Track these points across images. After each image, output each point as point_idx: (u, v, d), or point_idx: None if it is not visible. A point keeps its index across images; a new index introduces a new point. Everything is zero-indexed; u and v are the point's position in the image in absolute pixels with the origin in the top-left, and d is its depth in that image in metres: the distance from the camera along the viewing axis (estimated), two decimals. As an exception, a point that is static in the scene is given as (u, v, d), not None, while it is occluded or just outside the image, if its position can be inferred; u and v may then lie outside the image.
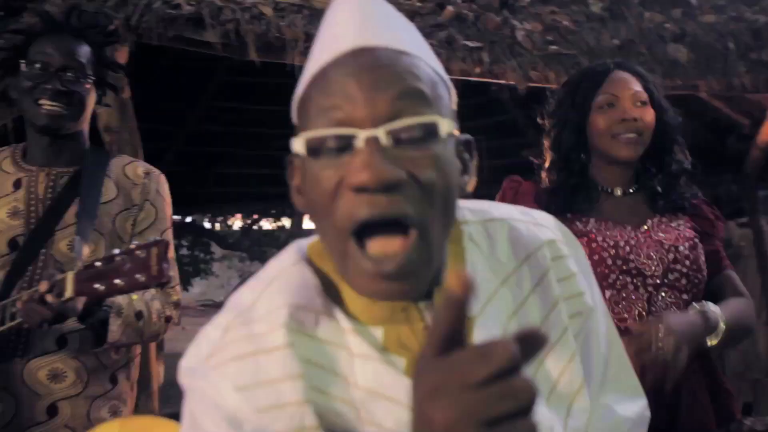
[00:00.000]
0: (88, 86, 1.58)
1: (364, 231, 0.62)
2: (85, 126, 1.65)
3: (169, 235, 1.65)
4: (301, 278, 0.73)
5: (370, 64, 0.65)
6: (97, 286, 1.30)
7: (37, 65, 1.53)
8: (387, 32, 0.69)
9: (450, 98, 0.71)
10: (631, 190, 1.59)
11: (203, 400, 0.69)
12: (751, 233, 4.98)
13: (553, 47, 2.71)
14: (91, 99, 1.62)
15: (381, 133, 0.62)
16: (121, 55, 2.38)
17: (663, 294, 1.51)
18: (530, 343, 0.46)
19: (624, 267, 1.49)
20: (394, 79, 0.64)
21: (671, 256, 1.52)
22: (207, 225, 10.27)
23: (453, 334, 0.47)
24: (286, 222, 10.79)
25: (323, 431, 0.68)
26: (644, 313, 1.49)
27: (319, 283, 0.73)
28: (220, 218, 10.47)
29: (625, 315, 1.50)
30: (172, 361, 1.53)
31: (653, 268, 1.51)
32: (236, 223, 11.06)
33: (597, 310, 0.83)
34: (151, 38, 2.36)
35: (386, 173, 0.61)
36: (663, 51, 2.87)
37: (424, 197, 0.63)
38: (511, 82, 2.71)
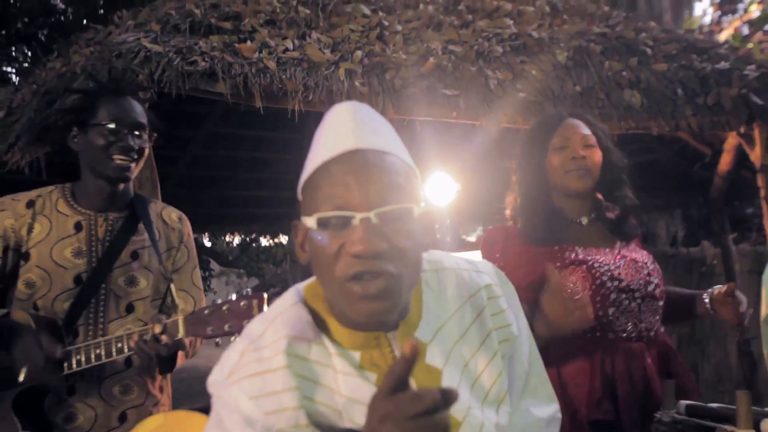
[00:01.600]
0: (145, 148, 1.76)
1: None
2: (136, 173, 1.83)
3: (197, 270, 1.90)
4: (297, 316, 0.94)
5: (363, 164, 0.85)
6: (208, 329, 1.50)
7: (111, 125, 1.69)
8: (375, 137, 0.89)
9: (418, 182, 0.93)
10: (592, 215, 1.79)
11: (226, 406, 0.89)
12: (722, 253, 5.23)
13: (522, 94, 3.03)
14: (147, 152, 1.79)
15: (372, 215, 0.83)
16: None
17: (647, 303, 1.70)
18: (448, 396, 0.70)
19: (619, 286, 1.67)
20: (381, 175, 0.85)
21: (646, 271, 1.72)
22: (207, 243, 10.52)
23: (401, 382, 0.72)
24: (283, 239, 11.03)
25: (313, 428, 0.88)
26: (637, 322, 1.68)
27: (311, 318, 0.94)
28: (220, 238, 10.68)
29: (628, 326, 1.67)
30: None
31: (637, 283, 1.70)
32: (235, 239, 11.33)
33: (521, 336, 1.04)
34: (170, 90, 2.63)
35: (375, 247, 0.82)
36: (620, 97, 3.17)
37: (400, 258, 0.85)
38: (483, 124, 3.05)
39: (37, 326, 1.61)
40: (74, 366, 1.60)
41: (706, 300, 1.77)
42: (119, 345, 1.59)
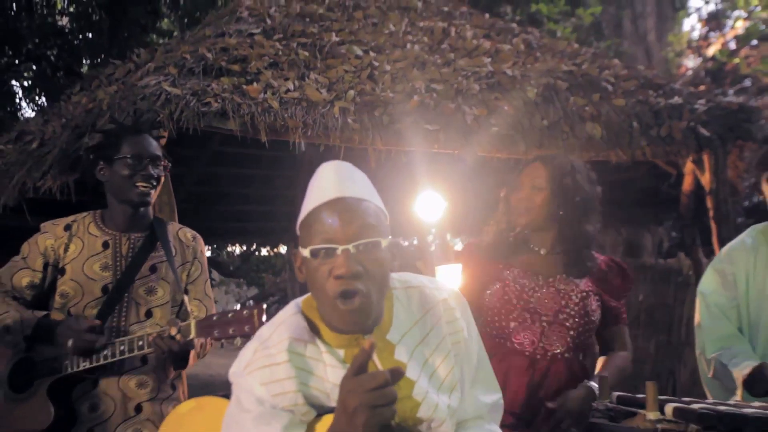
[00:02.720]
0: (161, 177, 2.04)
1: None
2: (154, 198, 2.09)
3: (209, 282, 2.17)
4: (296, 323, 1.19)
5: (344, 208, 1.12)
6: (215, 332, 1.71)
7: (133, 158, 1.97)
8: (353, 188, 1.16)
9: (386, 220, 1.19)
10: (557, 251, 1.98)
11: (243, 390, 1.13)
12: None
13: (495, 128, 3.43)
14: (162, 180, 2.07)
15: (351, 247, 1.09)
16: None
17: (553, 328, 1.91)
18: (396, 374, 0.95)
19: (525, 306, 1.92)
20: (357, 217, 1.12)
21: (563, 302, 1.92)
22: (209, 254, 10.84)
23: (361, 367, 0.96)
24: (282, 249, 11.36)
25: (308, 406, 1.13)
26: (535, 340, 1.90)
27: (307, 325, 1.19)
28: (224, 250, 10.94)
29: (524, 341, 1.92)
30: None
31: (546, 309, 1.92)
32: (236, 250, 11.64)
33: (471, 340, 1.30)
34: (188, 127, 3.01)
35: (353, 269, 1.08)
36: (582, 129, 3.56)
37: (370, 279, 1.11)
38: (461, 154, 3.45)
39: None
40: (101, 360, 1.84)
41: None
42: (140, 343, 1.82)
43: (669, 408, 1.50)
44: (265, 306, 1.79)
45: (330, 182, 1.15)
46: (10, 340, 1.88)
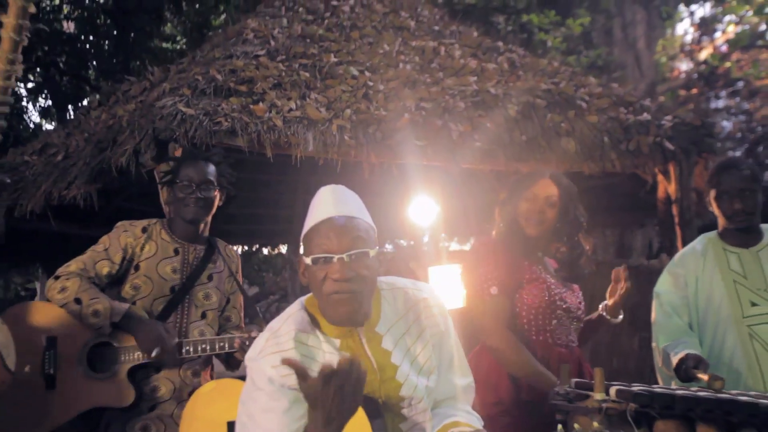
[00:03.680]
0: (216, 193, 2.30)
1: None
2: (210, 217, 2.35)
3: (239, 292, 2.42)
4: (301, 317, 1.39)
5: (338, 225, 1.34)
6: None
7: (185, 182, 2.24)
8: (346, 207, 1.38)
9: (374, 234, 1.40)
10: (550, 257, 2.21)
11: (257, 372, 1.32)
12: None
13: (478, 144, 3.79)
14: (217, 199, 2.31)
15: (344, 256, 1.31)
16: (177, 151, 3.44)
17: (574, 323, 2.17)
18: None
19: (561, 306, 2.12)
20: (350, 231, 1.34)
21: (578, 300, 2.18)
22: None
23: (304, 374, 1.16)
24: (283, 249, 11.66)
25: None
26: (567, 336, 2.13)
27: (309, 319, 1.39)
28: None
29: (561, 335, 2.13)
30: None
31: (574, 307, 2.14)
32: (238, 251, 11.87)
33: (447, 332, 1.50)
34: (201, 143, 3.31)
35: (346, 275, 1.30)
36: (558, 144, 3.90)
37: (362, 282, 1.33)
38: (447, 166, 3.80)
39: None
40: (184, 354, 2.12)
41: (601, 307, 2.29)
42: (221, 344, 2.14)
43: (613, 390, 1.68)
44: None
45: (327, 203, 1.39)
46: (96, 323, 2.09)
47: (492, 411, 2.06)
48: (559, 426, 1.66)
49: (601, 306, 2.28)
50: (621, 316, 2.27)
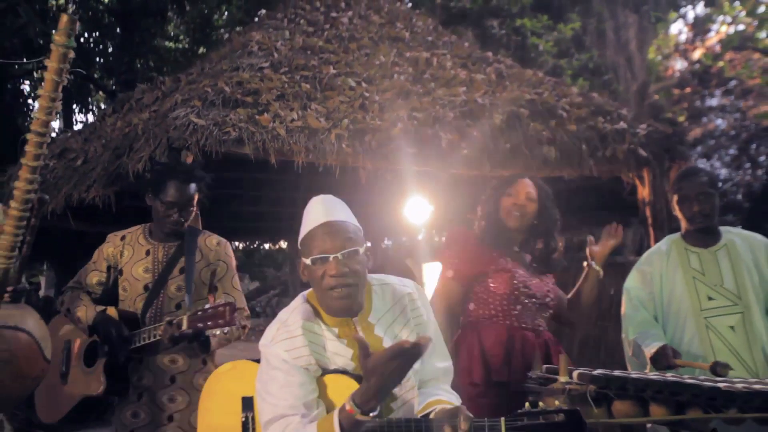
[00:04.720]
0: (193, 210, 2.44)
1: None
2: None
3: (236, 279, 2.55)
4: (305, 308, 1.59)
5: (331, 229, 1.53)
6: (200, 324, 2.14)
7: (167, 202, 2.36)
8: (336, 213, 1.56)
9: (361, 234, 1.58)
10: (525, 250, 2.45)
11: (271, 355, 1.52)
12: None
13: (465, 151, 4.11)
14: (195, 209, 2.46)
15: (339, 255, 1.50)
16: (189, 157, 3.74)
17: (544, 310, 2.39)
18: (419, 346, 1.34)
19: (528, 292, 2.37)
20: (342, 233, 1.52)
21: (546, 289, 2.42)
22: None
23: (365, 349, 1.39)
24: (283, 244, 11.96)
25: (317, 366, 1.53)
26: (533, 319, 2.36)
27: (312, 310, 1.58)
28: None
29: (527, 320, 2.36)
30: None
31: (541, 294, 2.38)
32: (240, 246, 12.27)
33: (429, 322, 1.67)
34: (210, 152, 3.63)
35: (341, 271, 1.49)
36: (539, 152, 4.21)
37: (355, 275, 1.51)
38: (436, 172, 4.12)
39: (122, 318, 2.31)
40: (137, 343, 2.29)
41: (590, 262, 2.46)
42: (154, 332, 2.27)
43: (575, 374, 1.88)
44: (234, 303, 2.22)
45: (318, 211, 1.58)
46: (82, 327, 2.39)
47: (471, 392, 2.35)
48: (527, 404, 1.87)
49: (587, 250, 2.50)
50: (602, 273, 2.52)
